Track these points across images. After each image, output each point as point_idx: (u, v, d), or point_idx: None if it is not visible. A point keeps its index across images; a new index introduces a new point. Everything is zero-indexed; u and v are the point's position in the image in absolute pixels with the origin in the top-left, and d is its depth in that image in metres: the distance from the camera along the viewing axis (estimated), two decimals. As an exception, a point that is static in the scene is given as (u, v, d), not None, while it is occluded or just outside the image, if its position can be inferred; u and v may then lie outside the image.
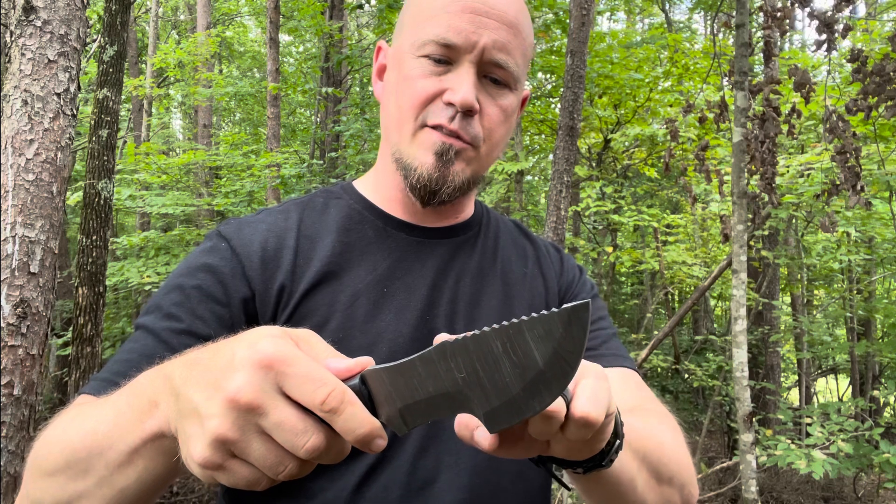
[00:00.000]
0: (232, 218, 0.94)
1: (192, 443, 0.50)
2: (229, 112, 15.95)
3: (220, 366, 0.50)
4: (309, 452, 0.48)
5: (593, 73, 6.57)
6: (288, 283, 0.84)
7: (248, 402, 0.47)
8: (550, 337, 0.50)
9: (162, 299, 0.81)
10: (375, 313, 0.84)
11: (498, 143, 0.90)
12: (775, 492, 6.94)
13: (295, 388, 0.48)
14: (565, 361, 0.51)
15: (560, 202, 3.91)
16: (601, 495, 0.75)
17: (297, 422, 0.48)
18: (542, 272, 1.00)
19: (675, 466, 0.81)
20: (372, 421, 0.49)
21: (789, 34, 11.20)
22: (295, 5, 8.93)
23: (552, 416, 0.54)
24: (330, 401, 0.48)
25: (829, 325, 10.35)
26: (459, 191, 0.88)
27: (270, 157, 7.09)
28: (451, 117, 0.84)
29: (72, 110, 2.74)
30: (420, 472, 0.80)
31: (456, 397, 0.52)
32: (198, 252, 0.87)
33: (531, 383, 0.51)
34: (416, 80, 0.86)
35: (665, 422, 0.86)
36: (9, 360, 2.51)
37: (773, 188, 3.59)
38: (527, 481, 0.86)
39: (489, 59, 0.84)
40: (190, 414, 0.50)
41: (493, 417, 0.52)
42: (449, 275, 0.91)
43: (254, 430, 0.48)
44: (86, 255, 4.21)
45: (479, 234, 0.99)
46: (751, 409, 3.23)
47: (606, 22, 15.75)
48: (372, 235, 0.91)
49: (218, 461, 0.49)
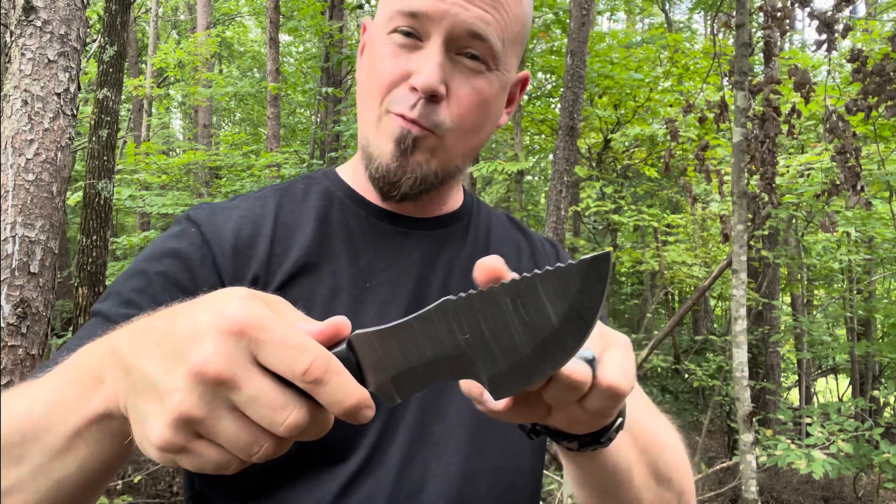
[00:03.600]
0: (204, 203, 0.86)
1: (149, 422, 0.44)
2: (229, 112, 15.95)
3: (181, 334, 0.44)
4: (289, 429, 0.42)
5: (593, 73, 6.58)
6: (262, 273, 0.77)
7: (217, 374, 0.41)
8: (566, 292, 0.46)
9: (122, 285, 0.74)
10: (357, 309, 0.78)
11: (472, 129, 0.80)
12: (775, 492, 6.95)
13: (272, 356, 0.42)
14: (582, 318, 0.47)
15: (560, 202, 3.91)
16: (596, 483, 0.71)
17: (276, 395, 0.42)
18: (536, 267, 0.92)
19: (675, 470, 0.77)
20: (360, 391, 0.44)
21: (789, 34, 11.20)
22: (295, 5, 8.93)
23: (579, 383, 0.50)
24: (313, 370, 0.42)
25: (829, 325, 10.35)
26: (422, 184, 0.79)
27: (270, 157, 7.10)
28: (413, 104, 0.75)
29: (72, 110, 2.74)
30: (406, 480, 0.73)
31: (458, 361, 0.47)
32: (165, 236, 0.79)
33: (543, 343, 0.47)
34: (384, 60, 0.78)
35: (668, 427, 0.82)
36: (9, 360, 2.51)
37: (773, 188, 3.59)
38: (518, 490, 0.81)
39: (463, 28, 0.74)
40: (145, 389, 0.44)
41: (500, 382, 0.48)
42: (437, 268, 0.84)
43: (224, 407, 0.42)
44: (86, 255, 4.21)
45: (468, 226, 0.91)
46: (751, 409, 3.23)
47: (606, 22, 15.76)
48: (354, 225, 0.84)
49: (180, 443, 0.43)
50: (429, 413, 0.76)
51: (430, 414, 0.76)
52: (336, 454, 0.72)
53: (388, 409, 0.75)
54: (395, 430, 0.75)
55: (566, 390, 0.51)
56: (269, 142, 7.84)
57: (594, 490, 0.74)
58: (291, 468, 0.71)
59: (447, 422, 0.77)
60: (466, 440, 0.76)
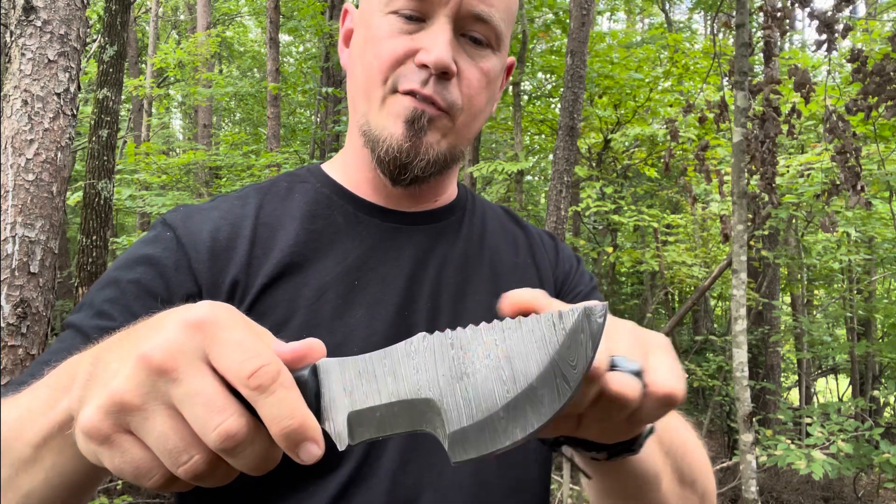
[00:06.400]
0: (182, 205, 0.82)
1: (84, 406, 0.42)
2: (229, 112, 15.95)
3: (147, 326, 0.44)
4: (221, 437, 0.39)
5: (593, 73, 6.58)
6: (242, 276, 0.73)
7: (160, 361, 0.39)
8: (550, 344, 0.41)
9: (95, 295, 0.71)
10: (345, 309, 0.74)
11: (479, 112, 0.79)
12: (775, 492, 6.95)
13: (222, 356, 0.40)
14: (565, 379, 0.41)
15: (560, 202, 3.92)
16: (621, 491, 0.67)
17: (216, 396, 0.39)
18: (535, 261, 0.89)
19: (699, 471, 0.74)
20: (307, 415, 0.40)
21: (789, 34, 11.20)
22: (295, 5, 8.93)
23: (630, 401, 0.46)
24: (260, 375, 0.39)
25: (829, 325, 10.35)
26: (434, 165, 0.77)
27: (270, 157, 7.09)
28: (425, 80, 0.73)
29: (72, 110, 2.74)
30: (400, 490, 0.70)
31: (417, 408, 0.42)
32: (139, 243, 0.76)
33: (516, 402, 0.41)
34: (384, 39, 0.75)
35: (686, 425, 0.78)
36: (9, 360, 2.51)
37: (773, 188, 3.59)
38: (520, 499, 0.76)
39: (468, 11, 0.73)
40: (98, 378, 0.43)
41: (459, 441, 0.42)
42: (429, 264, 0.80)
43: (160, 400, 0.40)
44: (86, 255, 4.21)
45: (462, 219, 0.87)
46: (751, 409, 3.23)
47: (606, 22, 15.76)
48: (341, 222, 0.80)
49: (106, 430, 0.40)
50: None
51: None
52: (325, 464, 0.69)
53: None
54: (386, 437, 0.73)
55: (618, 409, 0.47)
56: (269, 142, 7.84)
57: (618, 499, 0.70)
58: (282, 479, 0.69)
59: None
60: None
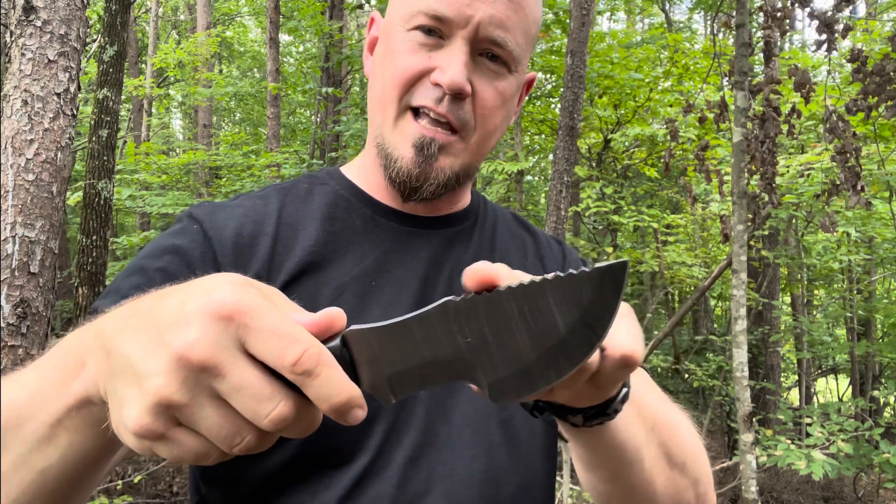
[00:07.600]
0: (206, 201, 0.85)
1: (125, 406, 0.41)
2: (229, 112, 15.96)
3: (167, 316, 0.42)
4: (273, 423, 0.40)
5: (593, 73, 6.58)
6: (264, 273, 0.75)
7: (201, 359, 0.39)
8: (577, 301, 0.44)
9: (122, 282, 0.72)
10: (362, 309, 0.76)
11: (493, 131, 0.81)
12: (775, 492, 6.95)
13: (261, 344, 0.40)
14: (592, 329, 0.45)
15: (560, 202, 3.92)
16: (605, 464, 0.69)
17: (262, 386, 0.40)
18: (543, 265, 0.92)
19: (689, 455, 0.75)
20: (352, 388, 0.41)
21: (789, 34, 11.20)
22: (295, 5, 8.93)
23: (586, 367, 0.49)
24: (304, 361, 0.40)
25: (829, 325, 10.35)
26: (445, 188, 0.80)
27: (270, 157, 7.10)
28: (439, 99, 0.75)
29: (72, 110, 2.74)
30: (411, 484, 0.71)
31: (456, 365, 0.46)
32: (166, 234, 0.78)
33: (549, 352, 0.45)
34: (403, 55, 0.77)
35: (677, 409, 0.81)
36: (9, 360, 2.51)
37: (773, 188, 3.59)
38: (528, 494, 0.78)
39: (485, 35, 0.75)
40: (124, 372, 0.42)
41: (500, 388, 0.46)
42: (443, 268, 0.83)
43: (206, 394, 0.40)
44: (86, 255, 4.21)
45: (475, 225, 0.90)
46: (751, 409, 3.23)
47: (606, 22, 15.77)
48: (359, 224, 0.83)
49: (159, 429, 0.41)
50: (435, 415, 0.75)
51: (436, 415, 0.75)
52: (342, 456, 0.71)
53: (395, 411, 0.73)
54: (401, 431, 0.73)
55: (578, 373, 0.49)
56: (269, 142, 7.84)
57: (603, 473, 0.72)
58: (297, 472, 0.70)
59: (453, 424, 0.75)
60: (472, 442, 0.75)
